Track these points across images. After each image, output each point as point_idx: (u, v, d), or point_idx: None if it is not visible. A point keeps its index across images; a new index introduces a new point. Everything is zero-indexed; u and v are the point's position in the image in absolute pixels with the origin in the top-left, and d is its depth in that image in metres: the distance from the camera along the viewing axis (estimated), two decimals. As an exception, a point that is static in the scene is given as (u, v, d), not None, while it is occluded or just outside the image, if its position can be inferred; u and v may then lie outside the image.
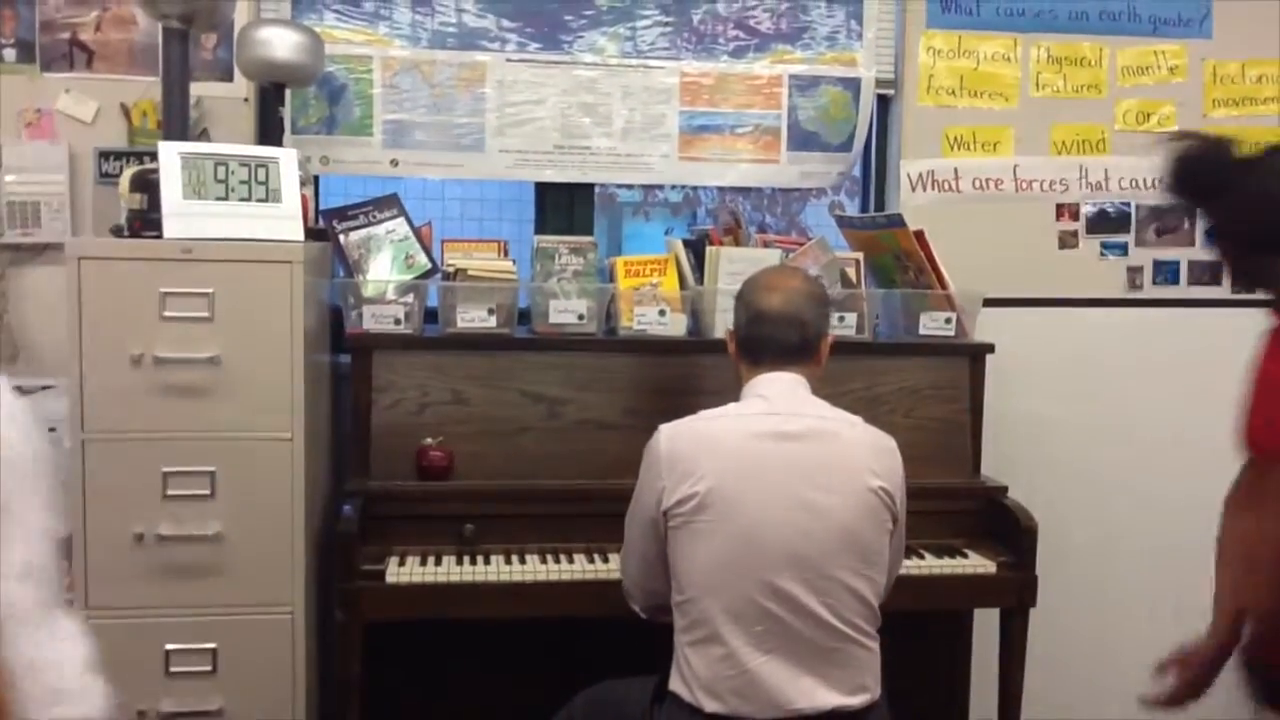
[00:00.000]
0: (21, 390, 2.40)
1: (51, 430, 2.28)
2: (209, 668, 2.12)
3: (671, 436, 1.96)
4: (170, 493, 2.09)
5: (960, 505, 2.65)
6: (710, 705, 1.86)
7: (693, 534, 1.88)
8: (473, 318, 2.52)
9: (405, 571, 2.29)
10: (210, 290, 2.08)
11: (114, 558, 2.09)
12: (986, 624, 2.74)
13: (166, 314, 2.07)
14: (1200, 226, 3.18)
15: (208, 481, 2.10)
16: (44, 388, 2.44)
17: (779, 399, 1.98)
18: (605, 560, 2.40)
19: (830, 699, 1.85)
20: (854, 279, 2.73)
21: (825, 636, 1.86)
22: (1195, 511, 3.21)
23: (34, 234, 2.63)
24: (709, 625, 1.87)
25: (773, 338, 2.01)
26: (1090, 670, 3.26)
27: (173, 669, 2.11)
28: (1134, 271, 3.19)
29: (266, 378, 2.12)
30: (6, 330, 2.67)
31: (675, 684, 1.93)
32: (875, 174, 3.18)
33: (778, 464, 1.88)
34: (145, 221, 2.19)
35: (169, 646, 2.11)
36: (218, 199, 2.15)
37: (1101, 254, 3.17)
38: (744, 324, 2.04)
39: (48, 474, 1.10)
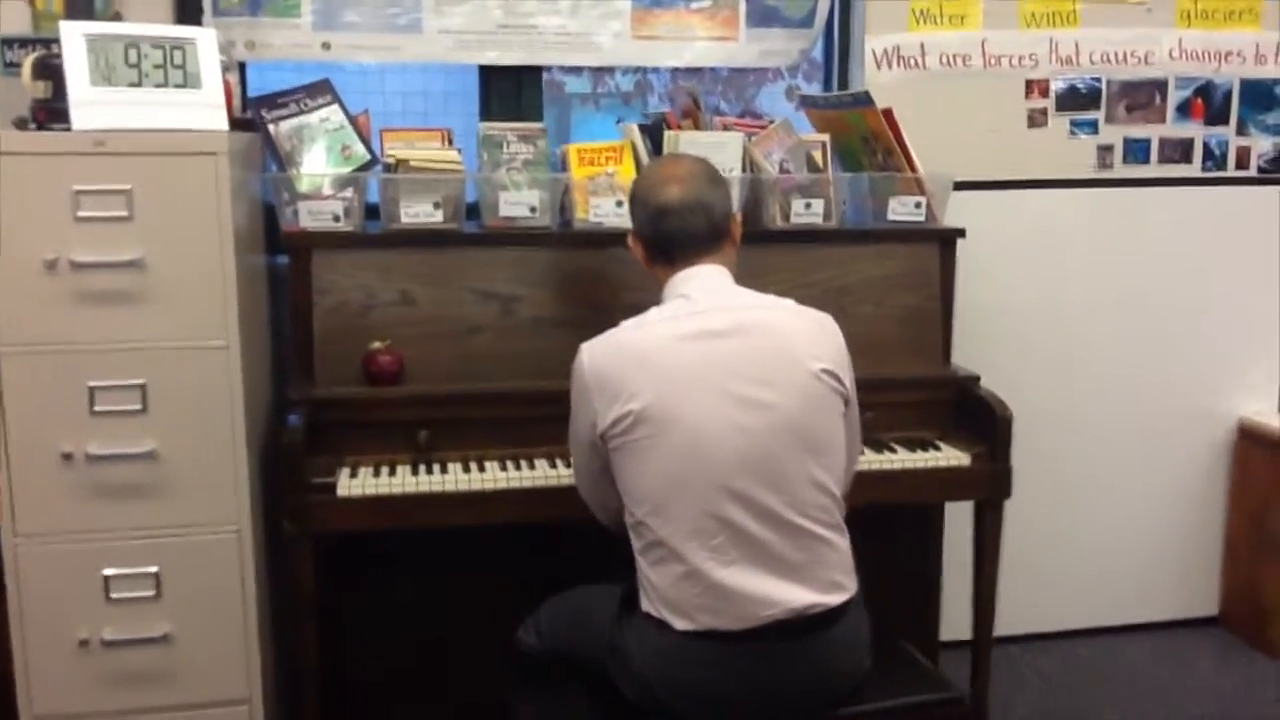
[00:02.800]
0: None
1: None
2: (152, 592, 2.00)
3: (594, 356, 1.84)
4: (98, 408, 1.94)
5: (932, 396, 2.57)
6: (679, 624, 1.77)
7: (634, 452, 1.78)
8: (417, 212, 2.37)
9: (357, 483, 2.17)
10: (128, 186, 1.90)
11: (41, 479, 1.94)
12: (957, 519, 2.70)
13: (81, 214, 1.89)
14: (1172, 102, 3.08)
15: (138, 395, 1.95)
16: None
17: (702, 295, 1.87)
18: (567, 465, 2.28)
19: (804, 597, 1.77)
20: (820, 163, 2.60)
21: (789, 536, 1.77)
22: (1167, 391, 3.21)
23: (-66, 132, 2.41)
24: (665, 544, 1.77)
25: (681, 230, 1.89)
26: (1063, 561, 3.25)
27: (113, 595, 1.99)
28: (1104, 151, 3.08)
29: (196, 281, 1.95)
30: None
31: (643, 601, 1.84)
32: (839, 52, 3.02)
33: (711, 365, 1.78)
34: (52, 112, 1.99)
35: (108, 571, 1.98)
36: (130, 85, 1.95)
37: (1071, 132, 3.06)
38: (647, 223, 1.93)
39: None
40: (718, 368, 1.77)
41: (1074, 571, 3.27)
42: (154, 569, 2.00)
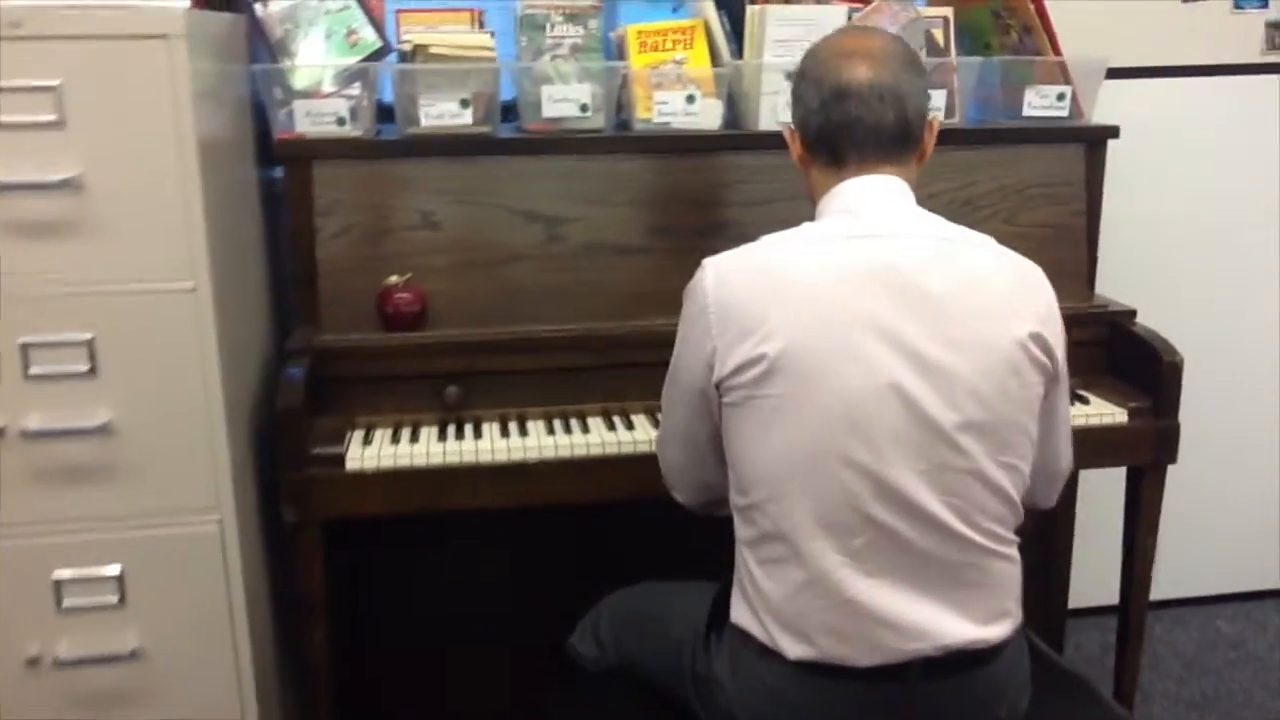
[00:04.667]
0: None
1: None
2: (115, 598, 1.59)
3: (721, 277, 1.37)
4: (35, 371, 1.51)
5: (1075, 335, 2.06)
6: (794, 650, 1.33)
7: (760, 413, 1.32)
8: (441, 113, 1.91)
9: (371, 453, 1.76)
10: (55, 82, 1.44)
11: (-34, 461, 1.53)
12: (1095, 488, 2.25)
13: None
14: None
15: (84, 353, 1.52)
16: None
17: (875, 213, 1.39)
18: (629, 426, 1.87)
19: (961, 631, 1.33)
20: (941, 43, 2.09)
21: (952, 549, 1.33)
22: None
23: None
24: (788, 540, 1.32)
25: (863, 122, 1.39)
26: (1224, 536, 2.79)
27: (67, 603, 1.58)
28: (1274, 29, 2.53)
29: (151, 205, 1.50)
30: None
31: (740, 614, 1.40)
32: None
33: (880, 310, 1.31)
34: (-34, -12, 1.54)
35: (59, 574, 1.57)
36: (56, -52, 1.49)
37: (1236, 6, 2.51)
38: (817, 109, 1.41)
39: None
40: (889, 316, 1.30)
41: (1247, 549, 2.82)
42: (115, 570, 1.59)
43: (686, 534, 1.68)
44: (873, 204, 1.40)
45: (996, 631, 1.35)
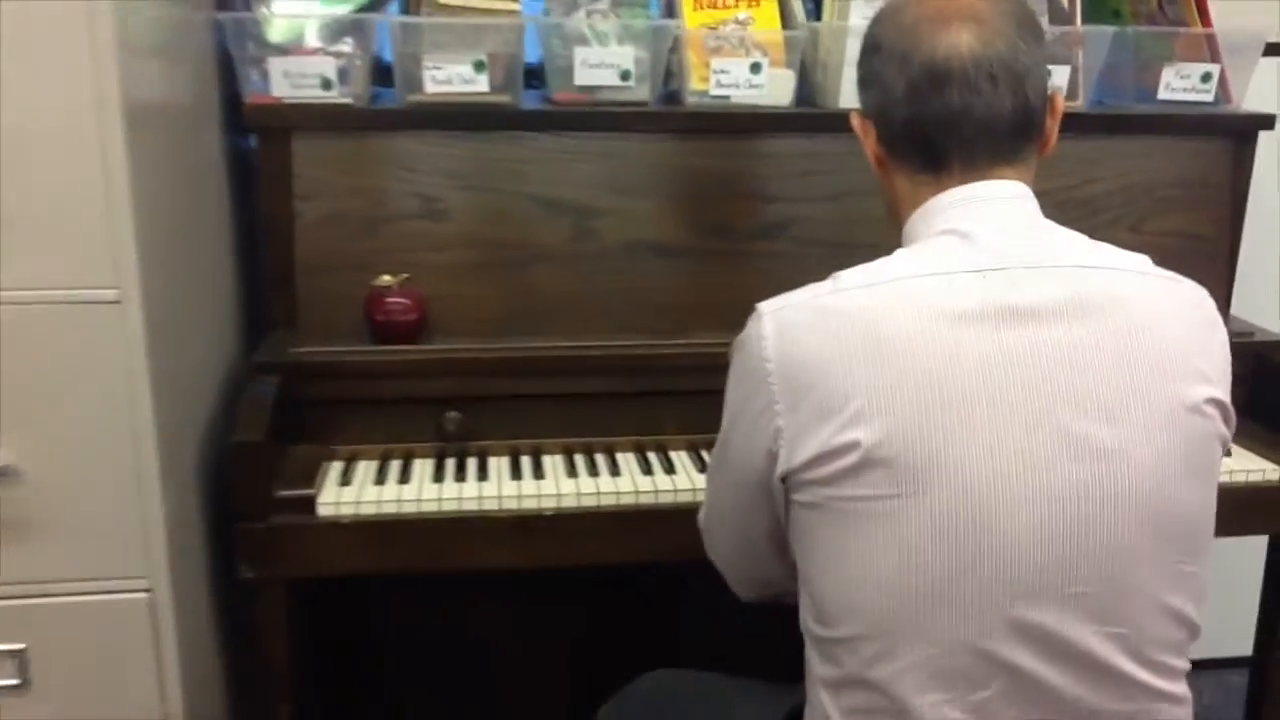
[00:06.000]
0: None
1: None
2: (15, 680, 1.28)
3: (785, 329, 1.00)
4: (-86, 400, 1.19)
5: (1213, 369, 1.73)
6: (889, 828, 0.99)
7: (849, 520, 0.97)
8: (450, 77, 1.58)
9: (349, 495, 1.44)
10: (-64, 26, 1.11)
11: None
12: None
13: None
14: None
15: (-23, 378, 1.20)
16: None
17: (992, 237, 1.02)
18: (668, 469, 1.55)
19: None
20: (1066, 8, 1.72)
21: (1113, 695, 0.99)
22: None
23: None
24: (885, 691, 0.98)
25: (970, 114, 1.02)
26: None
27: (-44, 684, 1.27)
28: None
29: (63, 191, 1.16)
30: None
31: (815, 758, 1.06)
32: None
33: (1013, 375, 0.95)
34: None
35: (-56, 650, 1.27)
36: None
37: None
38: (903, 97, 1.04)
39: None
40: (1025, 379, 0.96)
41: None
42: (18, 646, 1.27)
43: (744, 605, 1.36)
44: (989, 223, 1.03)
45: (1160, 790, 1.02)
